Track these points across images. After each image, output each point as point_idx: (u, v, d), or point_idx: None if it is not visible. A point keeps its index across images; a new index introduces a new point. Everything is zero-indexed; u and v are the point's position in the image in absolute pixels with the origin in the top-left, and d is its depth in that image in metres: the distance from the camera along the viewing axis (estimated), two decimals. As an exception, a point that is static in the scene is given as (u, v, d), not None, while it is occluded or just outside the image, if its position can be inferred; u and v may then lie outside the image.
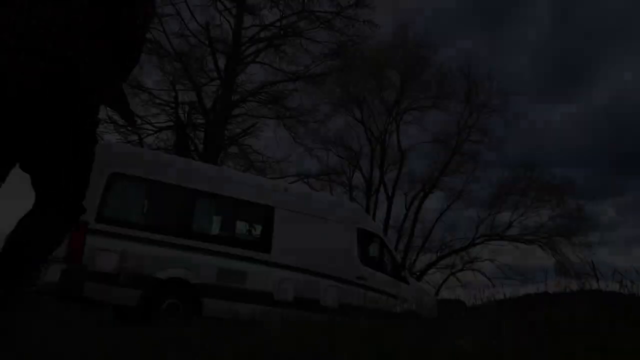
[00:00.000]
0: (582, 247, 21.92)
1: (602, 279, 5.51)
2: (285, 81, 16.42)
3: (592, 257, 20.82)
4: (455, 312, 6.36)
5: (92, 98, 1.86)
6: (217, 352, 1.92)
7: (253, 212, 8.07)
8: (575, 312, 4.73)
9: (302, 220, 8.19)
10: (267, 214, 7.95)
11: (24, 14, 1.65)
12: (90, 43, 1.79)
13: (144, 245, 6.61)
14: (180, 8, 15.03)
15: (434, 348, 1.87)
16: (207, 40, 14.76)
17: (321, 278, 8.08)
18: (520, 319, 5.19)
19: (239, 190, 7.79)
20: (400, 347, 1.95)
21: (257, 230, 8.31)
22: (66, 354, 1.80)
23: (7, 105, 1.63)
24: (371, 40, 17.12)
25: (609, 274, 5.50)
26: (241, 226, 8.32)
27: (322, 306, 7.78)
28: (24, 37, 1.65)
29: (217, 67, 14.82)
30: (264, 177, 15.01)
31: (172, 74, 15.91)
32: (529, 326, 4.73)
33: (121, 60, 1.96)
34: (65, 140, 1.81)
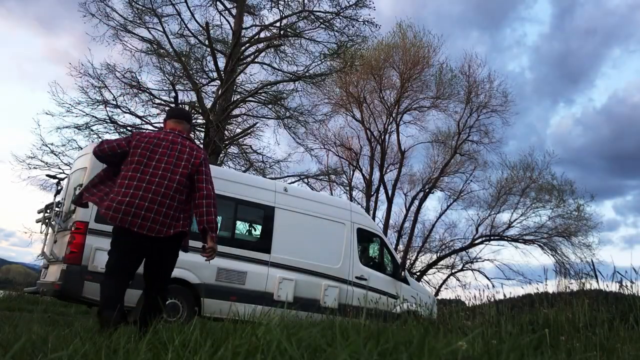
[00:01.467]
0: (582, 247, 21.94)
1: (602, 279, 5.52)
2: (285, 81, 16.41)
3: (592, 257, 20.83)
4: (455, 312, 6.36)
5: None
6: (216, 352, 1.92)
7: (253, 212, 8.07)
8: (575, 312, 4.73)
9: (302, 220, 8.20)
10: (267, 214, 7.96)
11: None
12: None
13: (144, 245, 6.61)
14: (180, 8, 15.05)
15: (434, 348, 1.86)
16: (207, 40, 14.74)
17: (321, 278, 8.08)
18: (520, 319, 5.19)
19: (239, 191, 7.79)
20: (400, 347, 1.95)
21: (257, 230, 8.31)
22: (66, 353, 1.80)
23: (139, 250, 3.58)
24: (371, 40, 17.11)
25: (609, 274, 5.52)
26: (241, 226, 8.33)
27: (322, 306, 7.79)
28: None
29: (217, 67, 14.80)
30: (264, 177, 15.01)
31: (172, 74, 15.91)
32: (529, 326, 4.73)
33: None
34: (172, 257, 3.73)
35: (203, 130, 15.23)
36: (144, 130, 3.83)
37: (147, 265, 3.65)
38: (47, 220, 7.25)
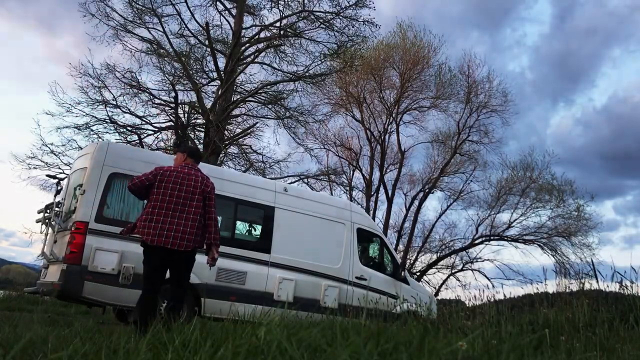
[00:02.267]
0: (582, 247, 21.92)
1: (602, 279, 5.52)
2: (285, 81, 16.41)
3: (592, 257, 20.81)
4: (455, 312, 6.36)
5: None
6: (216, 352, 1.92)
7: (253, 212, 8.07)
8: (575, 312, 4.73)
9: (302, 220, 8.19)
10: (267, 214, 7.95)
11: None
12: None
13: (144, 245, 6.61)
14: (180, 8, 15.05)
15: (434, 348, 1.86)
16: (207, 40, 14.73)
17: (321, 278, 8.08)
18: (520, 319, 5.19)
19: (239, 191, 7.79)
20: (400, 347, 1.95)
21: (257, 230, 8.31)
22: (65, 353, 1.80)
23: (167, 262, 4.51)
24: (371, 40, 17.10)
25: (609, 274, 5.52)
26: (241, 226, 8.32)
27: (322, 306, 7.78)
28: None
29: (217, 67, 14.79)
30: (264, 177, 15.00)
31: (172, 74, 15.91)
32: (529, 326, 4.73)
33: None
34: (189, 266, 4.66)
35: (203, 130, 15.23)
36: (164, 166, 4.82)
37: (173, 272, 4.58)
38: (47, 220, 7.24)
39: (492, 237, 23.18)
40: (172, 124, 15.48)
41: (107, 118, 14.72)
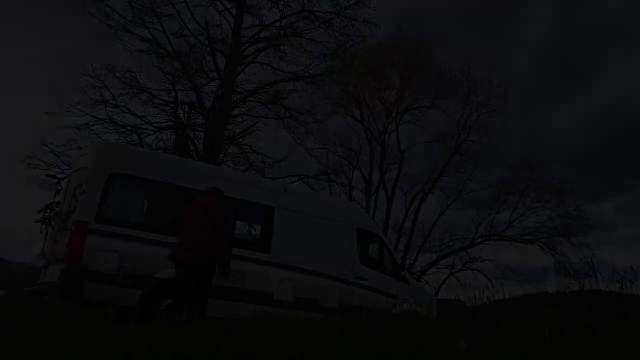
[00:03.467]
0: (582, 247, 21.92)
1: (602, 279, 5.52)
2: (285, 81, 16.40)
3: (592, 257, 20.81)
4: (455, 312, 6.36)
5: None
6: (217, 352, 1.92)
7: (253, 212, 8.06)
8: (575, 312, 4.73)
9: (302, 221, 8.18)
10: (267, 214, 7.94)
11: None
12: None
13: (144, 245, 6.61)
14: (180, 8, 15.04)
15: (434, 348, 1.87)
16: (207, 41, 14.74)
17: (321, 278, 8.07)
18: (520, 319, 5.19)
19: (239, 191, 7.78)
20: (400, 347, 1.95)
21: (257, 230, 8.31)
22: (66, 354, 1.80)
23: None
24: (371, 40, 17.10)
25: (609, 274, 5.52)
26: (241, 226, 8.32)
27: (322, 306, 7.78)
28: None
29: (217, 67, 14.80)
30: (263, 177, 15.00)
31: (172, 74, 15.90)
32: (528, 326, 4.73)
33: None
34: (206, 280, 5.81)
35: (203, 130, 15.24)
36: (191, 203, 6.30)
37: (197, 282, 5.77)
38: (47, 220, 7.24)
39: (492, 237, 23.17)
40: (172, 124, 15.48)
41: (107, 118, 14.73)
